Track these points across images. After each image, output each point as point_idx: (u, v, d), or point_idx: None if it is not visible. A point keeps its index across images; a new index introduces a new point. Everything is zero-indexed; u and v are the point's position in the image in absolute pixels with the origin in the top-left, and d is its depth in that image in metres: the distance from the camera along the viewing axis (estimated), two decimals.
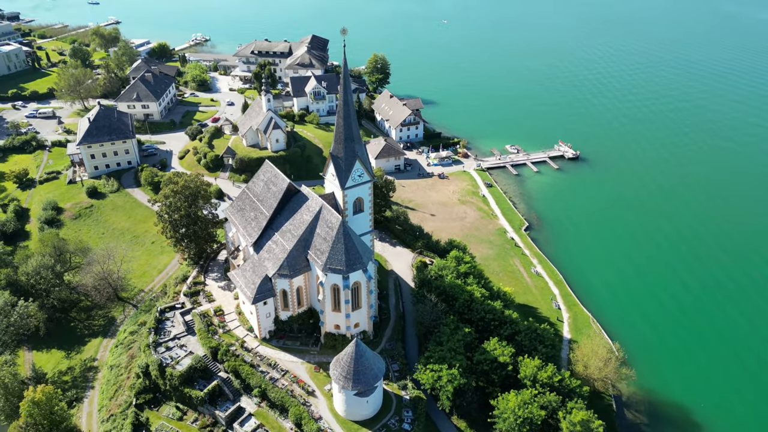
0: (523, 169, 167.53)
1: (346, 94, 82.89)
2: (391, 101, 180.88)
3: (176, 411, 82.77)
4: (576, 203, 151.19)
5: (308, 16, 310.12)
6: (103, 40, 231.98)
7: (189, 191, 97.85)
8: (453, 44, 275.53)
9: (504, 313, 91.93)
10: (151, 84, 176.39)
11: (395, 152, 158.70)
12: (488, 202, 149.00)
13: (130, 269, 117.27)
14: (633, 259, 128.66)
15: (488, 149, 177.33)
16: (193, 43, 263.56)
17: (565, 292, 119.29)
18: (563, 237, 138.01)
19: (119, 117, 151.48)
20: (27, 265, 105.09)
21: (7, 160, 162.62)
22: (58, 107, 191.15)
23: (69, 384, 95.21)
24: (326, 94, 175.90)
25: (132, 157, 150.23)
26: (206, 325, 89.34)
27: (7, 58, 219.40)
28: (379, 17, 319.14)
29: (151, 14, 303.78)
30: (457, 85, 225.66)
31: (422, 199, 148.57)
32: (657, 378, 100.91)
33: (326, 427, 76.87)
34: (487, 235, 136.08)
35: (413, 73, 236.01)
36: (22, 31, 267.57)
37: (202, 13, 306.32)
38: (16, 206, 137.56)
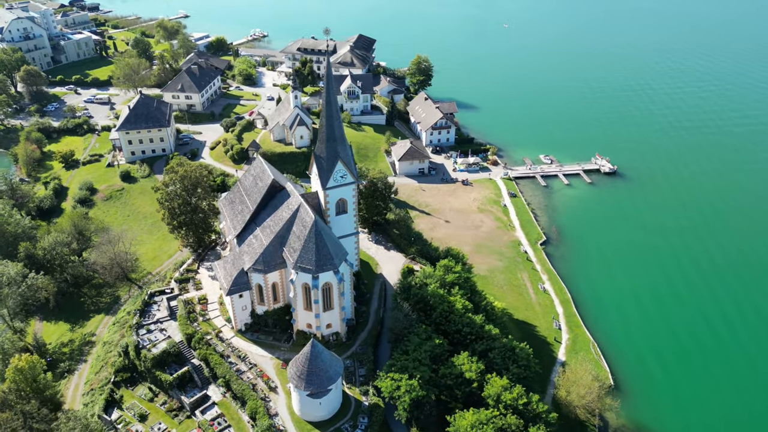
0: (553, 180, 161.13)
1: (329, 94, 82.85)
2: (425, 103, 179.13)
3: (149, 392, 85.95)
4: (603, 221, 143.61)
5: (364, 15, 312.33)
6: (166, 33, 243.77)
7: (189, 181, 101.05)
8: (508, 49, 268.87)
9: (483, 328, 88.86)
10: (195, 76, 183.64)
11: (420, 155, 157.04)
12: (508, 213, 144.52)
13: (143, 252, 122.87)
14: (655, 289, 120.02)
15: (521, 158, 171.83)
16: (251, 38, 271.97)
17: (570, 313, 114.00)
18: (581, 255, 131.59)
19: (158, 106, 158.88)
20: (45, 240, 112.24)
21: (59, 141, 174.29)
22: (114, 94, 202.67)
23: (66, 355, 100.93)
24: (360, 93, 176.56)
25: (166, 145, 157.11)
26: (187, 312, 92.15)
27: (77, 46, 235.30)
28: (437, 18, 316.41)
29: (219, 9, 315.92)
30: (502, 90, 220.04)
31: (440, 204, 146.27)
32: (653, 414, 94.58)
33: (280, 424, 77.42)
34: (499, 246, 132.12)
35: (460, 76, 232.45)
36: (98, 21, 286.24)
37: (264, 10, 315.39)
38: (56, 184, 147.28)
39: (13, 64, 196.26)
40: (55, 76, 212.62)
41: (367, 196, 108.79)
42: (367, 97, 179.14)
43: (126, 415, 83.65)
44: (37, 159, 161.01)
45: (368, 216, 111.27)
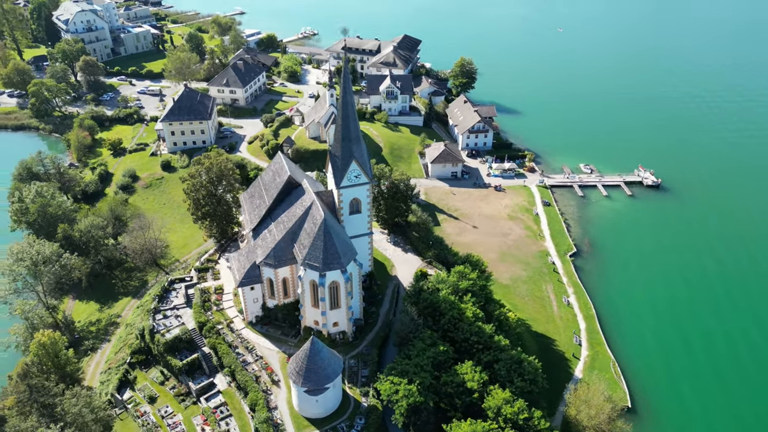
0: (591, 191, 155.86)
1: (346, 93, 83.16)
2: (464, 106, 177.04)
3: (160, 375, 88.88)
4: (640, 237, 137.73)
5: (415, 15, 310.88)
6: (220, 28, 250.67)
7: (214, 173, 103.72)
8: (559, 53, 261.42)
9: (493, 338, 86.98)
10: (241, 71, 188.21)
11: (453, 158, 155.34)
12: (539, 221, 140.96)
13: (173, 240, 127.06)
14: (688, 314, 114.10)
15: (559, 166, 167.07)
16: (301, 36, 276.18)
17: (593, 329, 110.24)
18: (611, 271, 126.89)
19: (201, 99, 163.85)
20: (82, 222, 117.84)
21: (111, 129, 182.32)
22: (165, 86, 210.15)
23: (92, 334, 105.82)
24: (399, 94, 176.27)
25: (207, 137, 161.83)
26: (203, 301, 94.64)
27: (136, 39, 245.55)
28: (489, 20, 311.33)
29: (273, 7, 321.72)
30: (548, 95, 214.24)
31: (470, 209, 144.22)
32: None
33: (278, 417, 78.46)
34: (526, 255, 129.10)
35: (506, 80, 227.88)
36: (159, 15, 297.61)
37: (317, 9, 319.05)
38: (102, 170, 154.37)
39: (74, 54, 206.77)
40: (113, 67, 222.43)
41: (388, 197, 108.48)
42: (406, 98, 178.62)
43: (137, 396, 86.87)
44: (88, 145, 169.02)
45: (388, 217, 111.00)
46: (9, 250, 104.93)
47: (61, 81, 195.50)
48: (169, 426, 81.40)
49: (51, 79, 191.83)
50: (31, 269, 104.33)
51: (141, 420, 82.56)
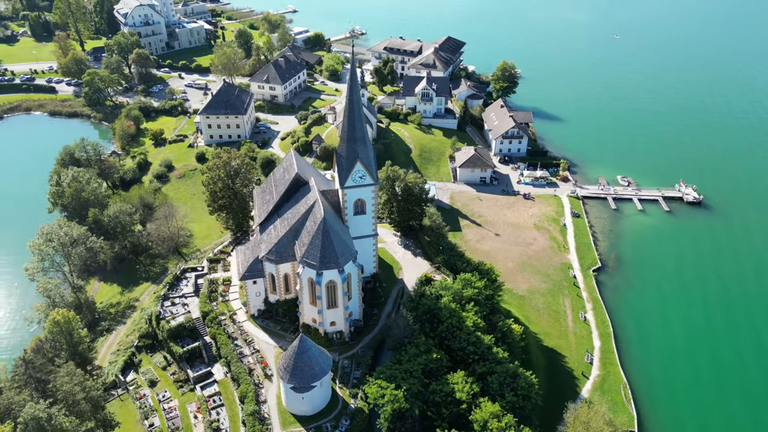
0: (626, 204, 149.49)
1: (353, 93, 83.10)
2: (500, 111, 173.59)
3: (163, 360, 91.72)
4: (673, 255, 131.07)
5: (465, 17, 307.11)
6: (269, 26, 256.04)
7: (231, 168, 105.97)
8: (612, 61, 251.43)
9: (491, 349, 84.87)
10: (281, 68, 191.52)
11: (482, 163, 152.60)
12: (566, 233, 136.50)
13: (197, 230, 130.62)
14: (713, 342, 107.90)
15: (595, 176, 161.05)
16: (348, 35, 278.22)
17: (607, 348, 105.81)
18: (637, 289, 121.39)
19: (238, 94, 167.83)
20: (111, 208, 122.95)
21: (156, 120, 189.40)
22: (212, 81, 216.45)
23: (111, 315, 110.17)
24: (435, 96, 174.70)
25: (241, 131, 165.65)
26: (209, 291, 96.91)
27: (189, 34, 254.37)
28: (543, 25, 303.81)
29: (325, 6, 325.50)
30: (593, 104, 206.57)
31: (494, 216, 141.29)
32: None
33: (265, 411, 79.37)
34: (547, 267, 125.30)
35: (551, 86, 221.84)
36: (215, 12, 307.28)
37: (368, 9, 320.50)
38: (141, 159, 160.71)
39: (129, 47, 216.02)
40: (165, 61, 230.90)
41: (402, 200, 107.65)
42: (442, 100, 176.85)
43: (139, 379, 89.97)
44: (132, 135, 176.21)
45: (400, 219, 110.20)
46: (40, 230, 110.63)
47: (114, 72, 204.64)
48: (165, 410, 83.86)
49: (105, 70, 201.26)
50: (59, 250, 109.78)
51: (139, 402, 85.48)
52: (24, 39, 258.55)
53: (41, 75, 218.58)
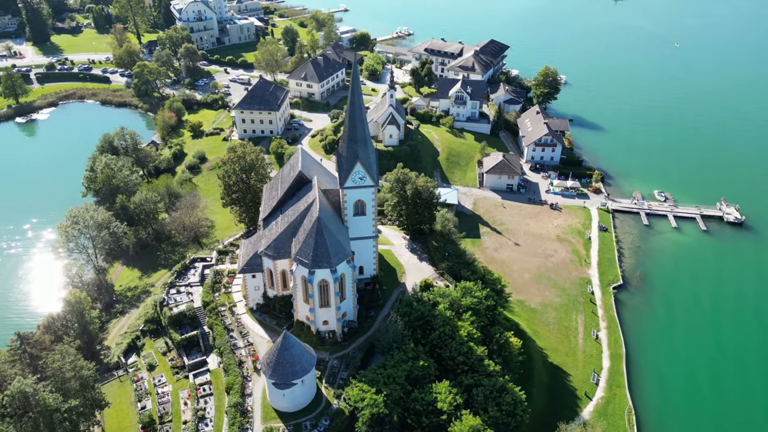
0: (660, 221, 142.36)
1: (354, 95, 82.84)
2: (535, 117, 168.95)
3: (164, 346, 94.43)
4: (705, 278, 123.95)
5: (516, 20, 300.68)
6: (317, 24, 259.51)
7: (245, 162, 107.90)
8: (668, 71, 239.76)
9: (482, 362, 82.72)
10: (320, 67, 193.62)
11: (510, 170, 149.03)
12: (590, 247, 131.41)
13: (219, 221, 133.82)
14: (739, 380, 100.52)
15: (630, 190, 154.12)
16: (395, 35, 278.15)
17: (616, 370, 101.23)
18: (658, 311, 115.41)
19: (273, 91, 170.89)
20: (137, 196, 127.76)
21: (197, 113, 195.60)
22: (255, 77, 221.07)
23: (127, 299, 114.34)
24: (469, 99, 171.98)
25: (274, 127, 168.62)
26: (213, 282, 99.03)
27: (239, 30, 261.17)
28: (600, 30, 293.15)
29: (376, 6, 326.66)
30: (639, 115, 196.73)
31: (516, 225, 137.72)
32: None
33: (249, 404, 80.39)
34: (564, 280, 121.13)
35: (597, 93, 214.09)
36: (268, 9, 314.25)
37: (418, 10, 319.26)
38: (177, 149, 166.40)
39: (179, 41, 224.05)
40: (214, 56, 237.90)
41: (410, 203, 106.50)
42: (476, 104, 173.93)
43: (140, 362, 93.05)
44: (172, 126, 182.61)
45: (408, 223, 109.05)
46: (68, 212, 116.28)
47: (163, 65, 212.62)
48: (158, 395, 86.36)
49: (154, 63, 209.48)
50: (84, 232, 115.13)
51: (136, 385, 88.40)
52: (87, 30, 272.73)
53: (98, 65, 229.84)
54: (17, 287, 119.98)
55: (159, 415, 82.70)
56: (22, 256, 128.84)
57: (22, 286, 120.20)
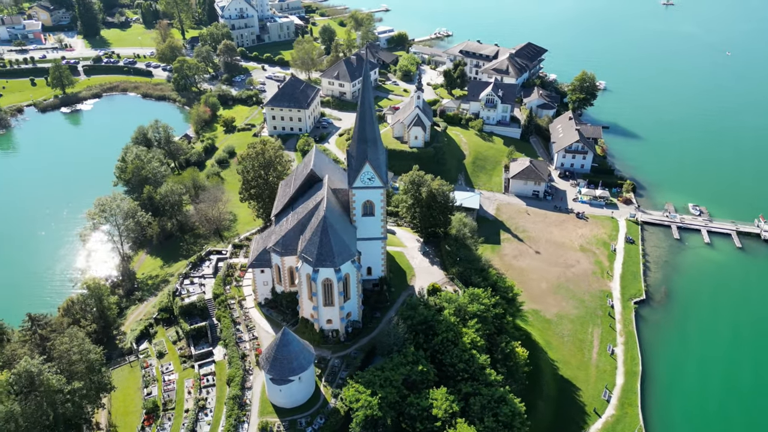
0: (692, 235, 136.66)
1: (365, 96, 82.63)
2: (567, 123, 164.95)
3: (175, 335, 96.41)
4: (736, 297, 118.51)
5: (559, 24, 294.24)
6: (356, 23, 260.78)
7: (264, 159, 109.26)
8: (714, 80, 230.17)
9: (484, 370, 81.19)
10: (352, 66, 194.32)
11: (536, 176, 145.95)
12: (614, 259, 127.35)
13: (242, 215, 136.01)
14: (762, 411, 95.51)
15: (663, 202, 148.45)
16: (433, 36, 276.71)
17: (630, 388, 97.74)
18: (683, 329, 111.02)
19: (304, 89, 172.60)
20: (163, 187, 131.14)
21: (232, 108, 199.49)
22: (290, 74, 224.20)
23: (147, 287, 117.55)
24: (500, 103, 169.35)
25: (303, 124, 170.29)
26: (225, 275, 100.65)
27: (279, 28, 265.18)
28: (645, 35, 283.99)
29: (417, 7, 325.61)
30: (680, 126, 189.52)
31: (539, 232, 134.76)
32: None
33: (248, 397, 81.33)
34: (583, 292, 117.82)
35: (638, 101, 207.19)
36: (310, 8, 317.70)
37: (460, 11, 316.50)
38: (209, 143, 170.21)
39: (219, 38, 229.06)
40: (253, 53, 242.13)
41: (424, 206, 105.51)
42: (507, 108, 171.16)
43: (150, 349, 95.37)
44: (206, 120, 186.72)
45: (422, 226, 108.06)
46: (96, 201, 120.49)
47: (203, 61, 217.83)
48: (164, 382, 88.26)
49: (194, 58, 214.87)
50: (110, 220, 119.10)
51: (145, 371, 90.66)
52: (135, 25, 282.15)
53: (142, 59, 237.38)
54: (47, 269, 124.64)
55: (163, 402, 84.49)
56: (55, 240, 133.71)
57: (51, 268, 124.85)
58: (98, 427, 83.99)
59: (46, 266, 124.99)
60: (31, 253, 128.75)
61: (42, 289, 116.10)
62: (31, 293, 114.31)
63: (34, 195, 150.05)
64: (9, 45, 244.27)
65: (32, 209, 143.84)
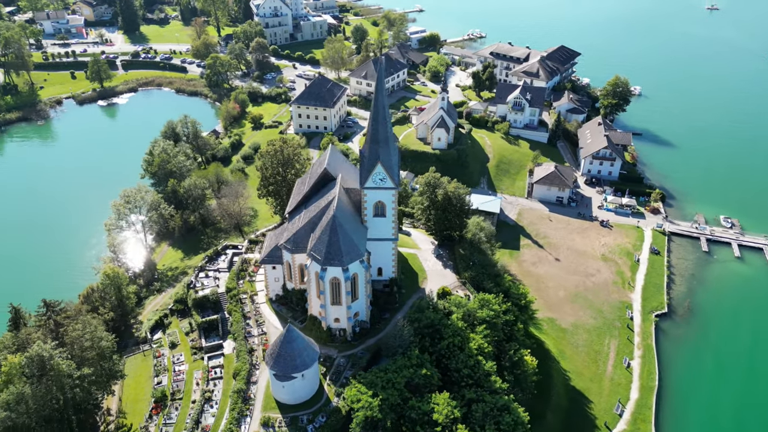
0: (721, 248, 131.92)
1: (379, 98, 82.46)
2: (596, 128, 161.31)
3: (188, 327, 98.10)
4: (765, 315, 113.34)
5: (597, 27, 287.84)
6: (388, 23, 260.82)
7: (282, 156, 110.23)
8: (754, 88, 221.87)
9: (489, 377, 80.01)
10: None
11: (561, 182, 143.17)
12: (636, 269, 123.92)
13: (263, 211, 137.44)
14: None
15: (693, 213, 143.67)
16: (466, 38, 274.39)
17: (645, 403, 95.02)
18: (705, 345, 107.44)
19: (330, 88, 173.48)
20: (186, 181, 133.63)
21: (261, 105, 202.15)
22: (322, 73, 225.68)
23: (167, 278, 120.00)
24: (527, 106, 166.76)
25: (328, 123, 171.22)
26: (239, 270, 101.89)
27: (312, 27, 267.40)
28: (684, 40, 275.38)
29: (452, 8, 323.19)
30: (717, 134, 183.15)
31: (560, 239, 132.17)
32: None
33: (252, 391, 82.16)
34: (602, 302, 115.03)
35: (674, 108, 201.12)
36: (344, 7, 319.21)
37: (494, 13, 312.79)
38: (235, 139, 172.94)
39: (252, 35, 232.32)
40: (285, 51, 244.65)
41: (439, 208, 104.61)
42: (535, 111, 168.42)
43: (164, 339, 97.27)
44: (235, 116, 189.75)
45: (436, 229, 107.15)
46: (122, 192, 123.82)
47: (235, 58, 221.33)
48: (175, 372, 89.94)
49: (226, 55, 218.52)
50: (135, 212, 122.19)
51: (157, 360, 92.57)
52: (174, 22, 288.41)
53: (178, 56, 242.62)
54: (73, 256, 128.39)
55: (171, 392, 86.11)
56: (83, 228, 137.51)
57: (76, 256, 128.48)
58: (109, 413, 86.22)
59: (72, 253, 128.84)
60: (59, 241, 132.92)
61: (65, 276, 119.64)
62: (55, 279, 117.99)
63: (67, 184, 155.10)
64: (53, 39, 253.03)
65: (65, 197, 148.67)
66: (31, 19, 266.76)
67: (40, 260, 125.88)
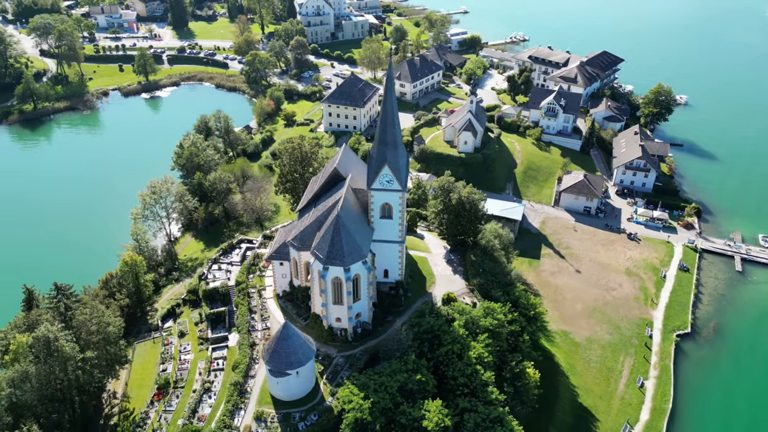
0: (757, 269, 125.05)
1: (388, 100, 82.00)
2: (632, 137, 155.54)
3: (198, 317, 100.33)
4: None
5: (647, 33, 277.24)
6: (429, 24, 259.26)
7: (300, 154, 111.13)
8: None
9: (486, 387, 78.30)
10: (415, 67, 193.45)
11: (589, 192, 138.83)
12: (661, 286, 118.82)
13: (284, 206, 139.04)
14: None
15: (729, 230, 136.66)
16: (508, 40, 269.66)
17: (656, 426, 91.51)
18: (729, 371, 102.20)
19: (361, 88, 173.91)
20: (212, 175, 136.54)
21: (296, 102, 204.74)
22: (358, 72, 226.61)
23: (187, 268, 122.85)
24: (561, 112, 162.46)
25: (357, 122, 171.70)
26: (250, 264, 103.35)
27: (354, 26, 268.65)
28: (741, 48, 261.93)
29: (496, 10, 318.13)
30: (761, 149, 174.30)
31: (583, 251, 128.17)
32: None
33: (249, 385, 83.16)
34: (620, 318, 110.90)
35: (720, 119, 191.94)
36: (388, 7, 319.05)
37: (541, 16, 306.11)
38: (266, 136, 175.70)
39: (293, 33, 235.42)
40: (324, 50, 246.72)
41: (452, 213, 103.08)
42: (569, 118, 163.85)
43: (173, 328, 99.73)
44: (269, 113, 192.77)
45: (448, 234, 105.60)
46: (149, 183, 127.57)
47: (275, 55, 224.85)
48: (180, 361, 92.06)
49: (265, 53, 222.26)
50: (159, 202, 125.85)
51: (164, 348, 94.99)
52: (221, 19, 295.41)
53: (221, 52, 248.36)
54: (97, 242, 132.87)
55: (174, 380, 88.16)
56: (113, 216, 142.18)
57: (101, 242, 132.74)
58: (114, 396, 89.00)
59: (102, 238, 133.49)
60: (92, 225, 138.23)
61: (92, 260, 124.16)
62: (82, 263, 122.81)
63: (106, 172, 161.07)
64: (105, 32, 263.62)
65: (103, 185, 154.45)
66: (87, 13, 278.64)
67: (71, 244, 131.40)
